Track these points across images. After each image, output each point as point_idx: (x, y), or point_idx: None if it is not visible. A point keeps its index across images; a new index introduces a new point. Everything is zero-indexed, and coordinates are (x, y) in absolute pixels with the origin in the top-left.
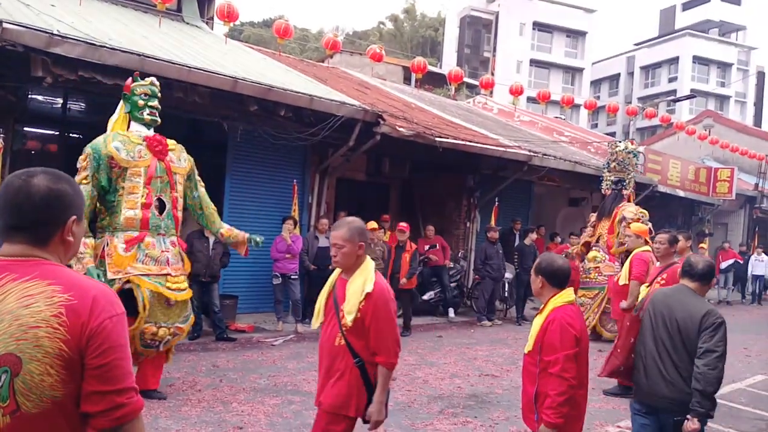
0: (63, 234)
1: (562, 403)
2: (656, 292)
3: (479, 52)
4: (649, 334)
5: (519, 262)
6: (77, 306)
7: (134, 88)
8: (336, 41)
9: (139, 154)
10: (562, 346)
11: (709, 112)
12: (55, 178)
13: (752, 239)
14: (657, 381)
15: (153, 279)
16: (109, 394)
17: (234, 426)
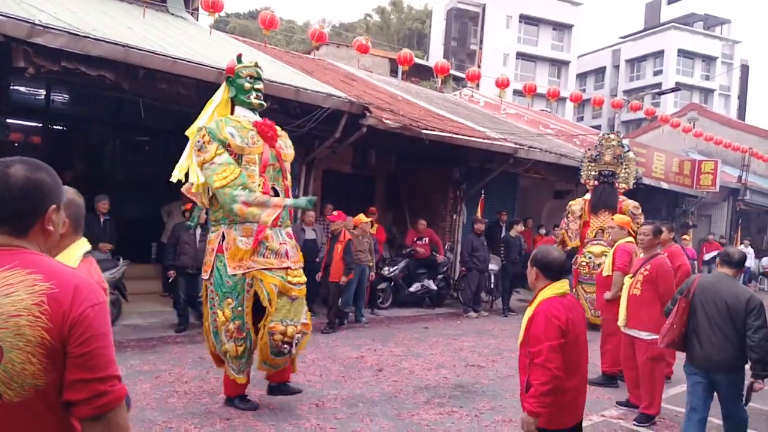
0: (43, 223)
1: (545, 393)
2: (701, 278)
3: (466, 44)
4: (701, 313)
5: (505, 254)
6: (59, 294)
7: (239, 71)
8: (322, 33)
9: (253, 141)
10: (546, 336)
11: (693, 105)
12: (32, 168)
13: (735, 231)
14: (710, 350)
15: (275, 273)
16: (92, 382)
17: (221, 417)
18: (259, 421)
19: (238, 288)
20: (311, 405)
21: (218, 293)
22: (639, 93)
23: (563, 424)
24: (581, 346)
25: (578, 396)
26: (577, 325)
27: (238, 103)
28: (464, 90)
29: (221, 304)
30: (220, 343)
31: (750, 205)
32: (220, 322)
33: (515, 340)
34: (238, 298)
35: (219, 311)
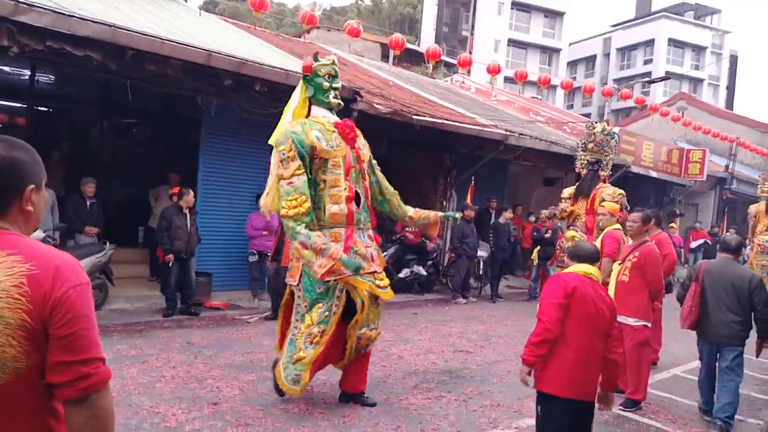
0: (21, 203)
1: (535, 343)
2: (707, 264)
3: (457, 30)
4: (710, 294)
5: (494, 241)
6: (39, 276)
7: (317, 69)
8: (313, 15)
9: (336, 143)
10: (548, 294)
11: (682, 95)
12: (8, 146)
13: (722, 220)
14: (719, 326)
15: (366, 278)
16: (75, 364)
17: (208, 402)
18: (247, 406)
19: (329, 294)
20: None
21: (308, 299)
22: (629, 82)
23: (561, 390)
24: (593, 323)
25: (581, 369)
26: (590, 301)
27: (315, 103)
28: (455, 76)
29: (310, 310)
30: (296, 349)
31: (736, 195)
32: (305, 326)
33: (503, 326)
34: (328, 304)
35: (307, 316)
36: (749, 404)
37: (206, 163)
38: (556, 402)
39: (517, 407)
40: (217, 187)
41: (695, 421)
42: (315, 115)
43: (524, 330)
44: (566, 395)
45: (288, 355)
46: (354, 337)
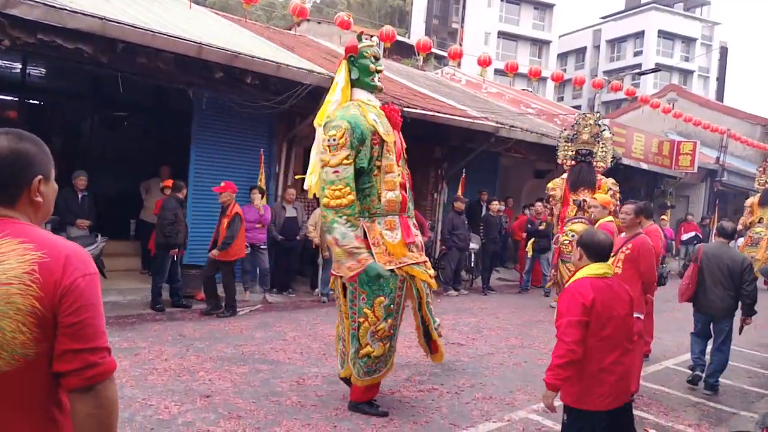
0: (30, 194)
1: (562, 366)
2: (705, 248)
3: (447, 23)
4: (707, 273)
5: (485, 233)
6: (50, 263)
7: (363, 50)
8: (303, 8)
9: (387, 128)
10: (567, 312)
11: (672, 87)
12: (16, 138)
13: (713, 212)
14: (713, 300)
15: (421, 267)
16: (82, 352)
17: (201, 395)
18: (239, 398)
19: (391, 285)
20: (292, 382)
21: (366, 291)
22: (619, 73)
23: (593, 405)
24: (616, 330)
25: (610, 379)
26: (611, 308)
27: (358, 86)
28: (446, 68)
29: (369, 302)
30: (360, 345)
31: (727, 186)
32: (369, 322)
33: (494, 319)
34: (391, 297)
35: (368, 310)
36: (742, 397)
37: (198, 155)
38: (594, 416)
39: (509, 400)
40: (208, 179)
41: (687, 413)
42: (358, 98)
43: (515, 322)
44: (604, 408)
45: (353, 350)
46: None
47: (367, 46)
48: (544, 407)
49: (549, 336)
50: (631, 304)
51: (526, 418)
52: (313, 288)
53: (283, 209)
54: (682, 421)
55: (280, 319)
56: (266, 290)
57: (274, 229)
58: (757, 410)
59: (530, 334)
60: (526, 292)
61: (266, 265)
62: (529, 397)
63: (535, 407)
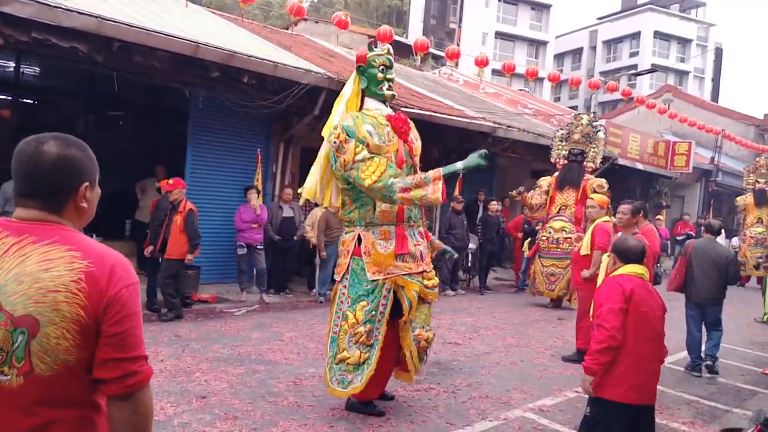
0: (76, 200)
1: (600, 351)
2: (694, 243)
3: (445, 23)
4: (696, 266)
5: (483, 233)
6: (96, 273)
7: (372, 60)
8: (300, 7)
9: (389, 138)
10: (607, 300)
11: (668, 87)
12: (64, 144)
13: (707, 212)
14: (702, 290)
15: (414, 278)
16: (124, 361)
17: (197, 396)
18: (236, 399)
19: (376, 292)
20: (289, 383)
21: (351, 295)
22: (615, 74)
23: (621, 396)
24: (649, 326)
25: (640, 373)
26: (645, 304)
27: (368, 95)
28: (443, 68)
29: (353, 306)
30: (338, 349)
31: (722, 186)
32: (349, 324)
33: (492, 318)
34: (374, 302)
35: (349, 313)
36: (735, 394)
37: (194, 155)
38: (613, 407)
39: (505, 398)
40: (204, 179)
41: (681, 411)
42: (368, 107)
43: (512, 321)
44: (626, 400)
45: (331, 354)
46: (409, 339)
47: (377, 55)
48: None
49: (545, 335)
50: (663, 311)
51: (522, 416)
52: (311, 288)
53: (280, 209)
54: (676, 419)
55: (277, 319)
56: (263, 290)
57: (271, 229)
58: (749, 407)
59: (527, 333)
60: (523, 291)
61: (263, 266)
62: (525, 395)
63: (531, 406)
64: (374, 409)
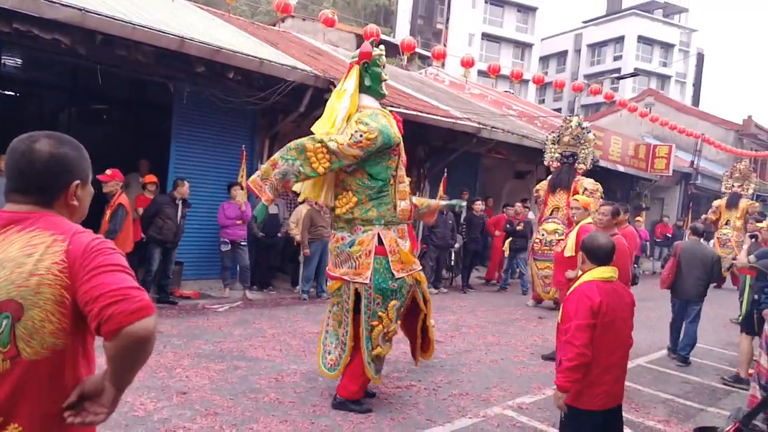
0: (66, 198)
1: (572, 368)
2: (682, 245)
3: (432, 23)
4: (684, 266)
5: (467, 232)
6: (74, 250)
7: (377, 58)
8: (287, 4)
9: (398, 137)
10: (575, 315)
11: (650, 91)
12: (57, 143)
13: (686, 214)
14: (688, 287)
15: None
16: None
17: (177, 391)
18: (216, 395)
19: (403, 290)
20: (270, 379)
21: (381, 296)
22: (599, 77)
23: (592, 404)
24: (618, 332)
25: (612, 380)
26: (615, 311)
27: (368, 92)
28: (430, 69)
29: (384, 306)
30: (372, 347)
31: (701, 189)
32: (384, 324)
33: (473, 317)
34: (401, 300)
35: (382, 314)
36: (710, 394)
37: (178, 150)
38: (585, 414)
39: (485, 396)
40: (188, 175)
41: (657, 409)
42: (368, 104)
43: (493, 320)
44: (598, 408)
45: (367, 353)
46: (431, 328)
47: (380, 54)
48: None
49: (525, 334)
50: (632, 307)
51: (502, 413)
52: (294, 285)
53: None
54: (652, 417)
55: (260, 316)
56: (246, 287)
57: (255, 225)
58: (724, 407)
59: (507, 331)
60: (505, 290)
61: (246, 262)
62: (505, 393)
63: (510, 403)
64: (362, 406)
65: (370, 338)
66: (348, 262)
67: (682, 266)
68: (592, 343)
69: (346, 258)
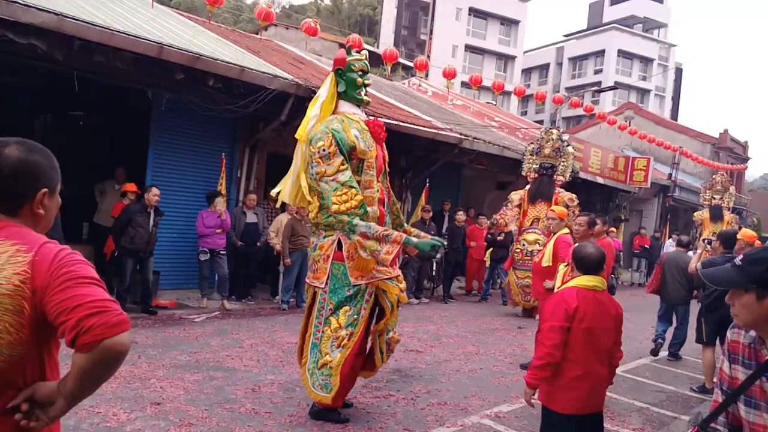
0: (33, 206)
1: (540, 367)
2: (668, 255)
3: (416, 34)
4: (668, 273)
5: (449, 243)
6: (40, 261)
7: (351, 63)
8: (270, 12)
9: (370, 143)
10: (550, 317)
11: (630, 104)
12: (27, 149)
13: (664, 226)
14: (671, 291)
15: (393, 282)
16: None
17: (151, 402)
18: (191, 406)
19: (359, 297)
20: (247, 390)
21: (333, 301)
22: (580, 90)
23: (564, 407)
24: (596, 341)
25: (587, 385)
26: (593, 319)
27: (344, 99)
28: (413, 79)
29: (336, 312)
30: (320, 354)
31: (678, 202)
32: (332, 329)
33: (454, 327)
34: (356, 307)
35: (333, 318)
36: (683, 403)
37: (156, 158)
38: (560, 417)
39: (463, 405)
40: (166, 183)
41: (632, 418)
42: (344, 111)
43: (473, 330)
44: (573, 412)
45: (312, 360)
46: (383, 341)
47: (356, 60)
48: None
49: (504, 344)
50: (618, 320)
51: (479, 423)
52: (273, 295)
53: (244, 214)
54: (627, 425)
55: (238, 326)
56: (224, 297)
57: (234, 234)
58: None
59: (487, 341)
60: (486, 301)
61: (225, 272)
62: (483, 402)
63: (488, 412)
64: (339, 416)
65: (318, 345)
66: (313, 266)
67: (666, 273)
68: (563, 345)
69: (313, 262)
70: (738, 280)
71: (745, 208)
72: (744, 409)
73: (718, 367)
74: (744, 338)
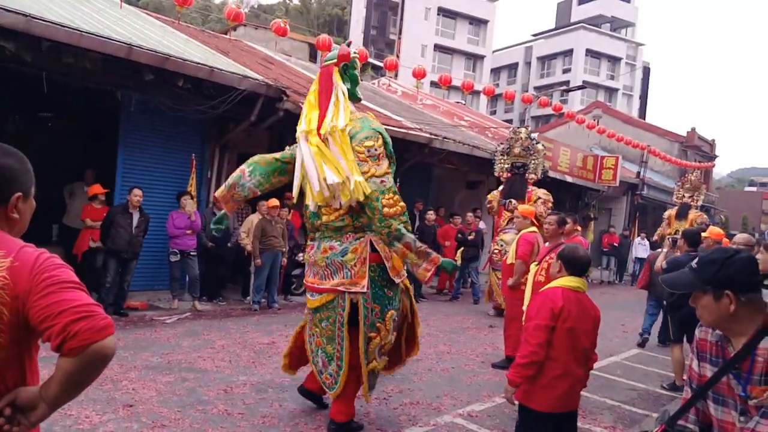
0: (7, 210)
1: (524, 365)
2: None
3: (385, 33)
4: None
5: None
6: (19, 267)
7: (355, 61)
8: (239, 12)
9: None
10: (536, 316)
11: (598, 104)
12: (1, 153)
13: (633, 224)
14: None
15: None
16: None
17: (124, 404)
18: (164, 408)
19: (397, 298)
20: (219, 391)
21: (379, 306)
22: (549, 89)
23: (542, 406)
24: (576, 341)
25: (566, 384)
26: (576, 320)
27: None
28: (382, 79)
29: (382, 317)
30: (368, 362)
31: (647, 200)
32: (381, 336)
33: (426, 326)
34: (398, 309)
35: (380, 325)
36: (654, 400)
37: (125, 159)
38: (538, 416)
39: (436, 405)
40: (136, 183)
41: (604, 416)
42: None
43: (444, 329)
44: (550, 410)
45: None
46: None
47: (355, 57)
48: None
49: (476, 342)
50: (596, 322)
51: (452, 422)
52: (245, 296)
53: (214, 215)
54: (598, 423)
55: (209, 327)
56: (195, 298)
57: (205, 235)
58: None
59: (458, 340)
60: (457, 300)
61: (196, 273)
62: (455, 401)
63: (461, 411)
64: (356, 424)
65: (367, 352)
66: (341, 271)
67: (653, 270)
68: (547, 344)
69: (339, 267)
70: (694, 282)
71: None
72: (713, 406)
73: (688, 365)
74: (711, 336)
